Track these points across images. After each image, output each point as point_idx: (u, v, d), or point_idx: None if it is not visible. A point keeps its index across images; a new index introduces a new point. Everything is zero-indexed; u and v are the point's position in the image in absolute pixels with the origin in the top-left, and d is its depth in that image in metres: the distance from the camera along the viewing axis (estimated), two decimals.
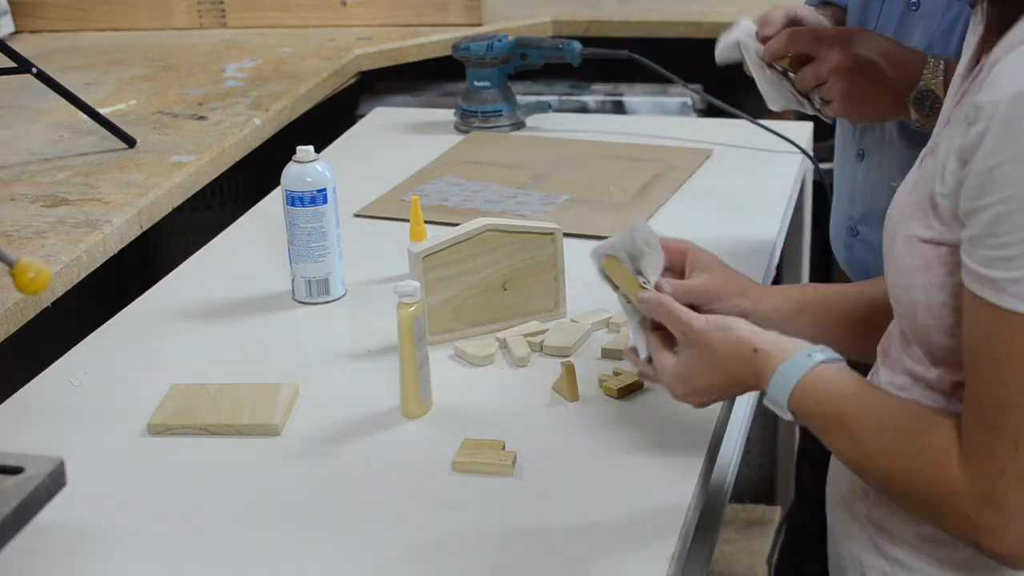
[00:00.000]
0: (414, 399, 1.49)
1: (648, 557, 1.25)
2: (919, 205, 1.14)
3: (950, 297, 1.12)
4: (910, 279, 1.15)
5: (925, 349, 1.17)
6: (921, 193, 1.15)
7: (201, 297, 1.81)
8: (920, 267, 1.13)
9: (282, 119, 2.46)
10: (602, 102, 2.76)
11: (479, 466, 1.37)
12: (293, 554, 1.28)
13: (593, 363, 1.58)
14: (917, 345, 1.18)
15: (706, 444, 1.43)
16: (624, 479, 1.38)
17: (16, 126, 2.37)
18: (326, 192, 1.74)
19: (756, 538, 2.59)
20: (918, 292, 1.14)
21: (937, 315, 1.14)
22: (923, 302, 1.14)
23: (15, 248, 1.81)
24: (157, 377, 1.58)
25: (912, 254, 1.14)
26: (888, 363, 1.24)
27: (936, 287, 1.13)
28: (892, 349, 1.24)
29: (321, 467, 1.42)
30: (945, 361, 1.16)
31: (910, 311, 1.16)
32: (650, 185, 2.13)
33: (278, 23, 3.01)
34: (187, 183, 2.14)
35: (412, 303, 1.46)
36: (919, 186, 1.16)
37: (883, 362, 1.26)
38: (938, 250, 1.12)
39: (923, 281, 1.13)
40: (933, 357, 1.17)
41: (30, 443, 1.45)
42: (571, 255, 1.72)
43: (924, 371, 1.18)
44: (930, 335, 1.15)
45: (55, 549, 1.29)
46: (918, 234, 1.13)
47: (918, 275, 1.14)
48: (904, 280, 1.16)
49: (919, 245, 1.13)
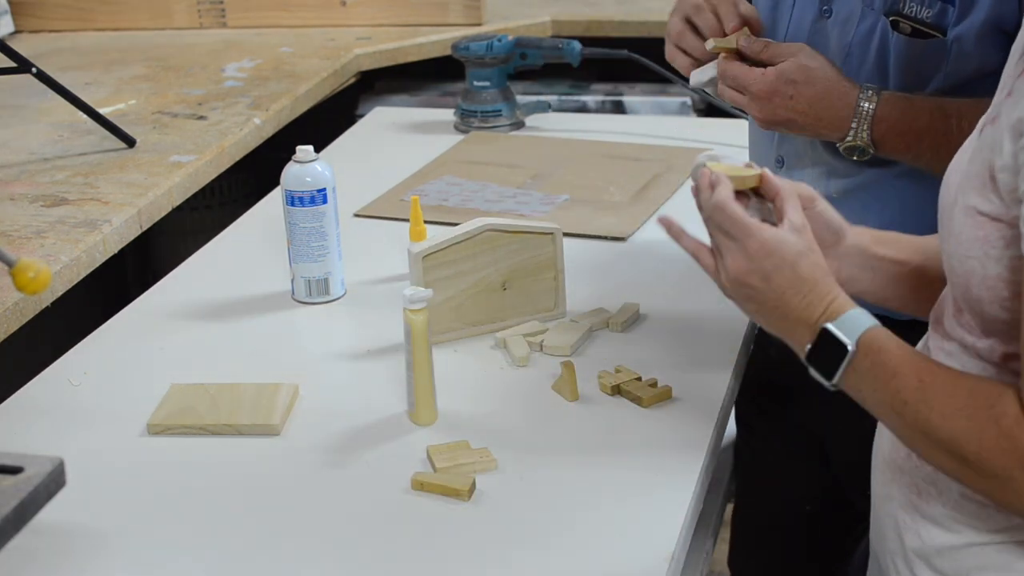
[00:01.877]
0: (429, 406, 1.48)
1: (648, 557, 1.25)
2: (979, 176, 1.14)
3: (1005, 271, 1.12)
4: (967, 250, 1.14)
5: (978, 319, 1.17)
6: (981, 164, 1.14)
7: (201, 297, 1.81)
8: (978, 239, 1.13)
9: (282, 119, 2.46)
10: (602, 102, 2.76)
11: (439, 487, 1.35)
12: (293, 554, 1.28)
13: (593, 363, 1.58)
14: (970, 314, 1.17)
15: (706, 444, 1.43)
16: (624, 479, 1.38)
17: (16, 126, 2.37)
18: (326, 192, 1.74)
19: None
20: (974, 263, 1.13)
21: (991, 287, 1.13)
22: (978, 273, 1.13)
23: (15, 248, 1.81)
24: (157, 377, 1.58)
25: (970, 225, 1.13)
26: (939, 331, 1.24)
27: (992, 260, 1.12)
28: (944, 316, 1.23)
29: (320, 467, 1.42)
30: (996, 332, 1.15)
31: (964, 280, 1.15)
32: (650, 185, 2.13)
33: (278, 23, 3.01)
34: (187, 183, 2.14)
35: (421, 308, 1.46)
36: (978, 156, 1.15)
37: (934, 329, 1.25)
38: (996, 224, 1.11)
39: (979, 252, 1.13)
40: (985, 327, 1.16)
41: (30, 443, 1.45)
42: (571, 255, 1.72)
43: (975, 340, 1.18)
44: (983, 305, 1.15)
45: (55, 549, 1.29)
46: (977, 206, 1.13)
47: (975, 246, 1.13)
48: (961, 250, 1.15)
49: (977, 217, 1.13)
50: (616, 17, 2.98)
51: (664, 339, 1.64)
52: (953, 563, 1.21)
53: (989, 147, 1.13)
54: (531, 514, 1.32)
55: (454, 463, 1.38)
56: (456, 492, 1.34)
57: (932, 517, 1.22)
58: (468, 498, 1.34)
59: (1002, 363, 1.16)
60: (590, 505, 1.33)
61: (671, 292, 1.76)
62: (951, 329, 1.21)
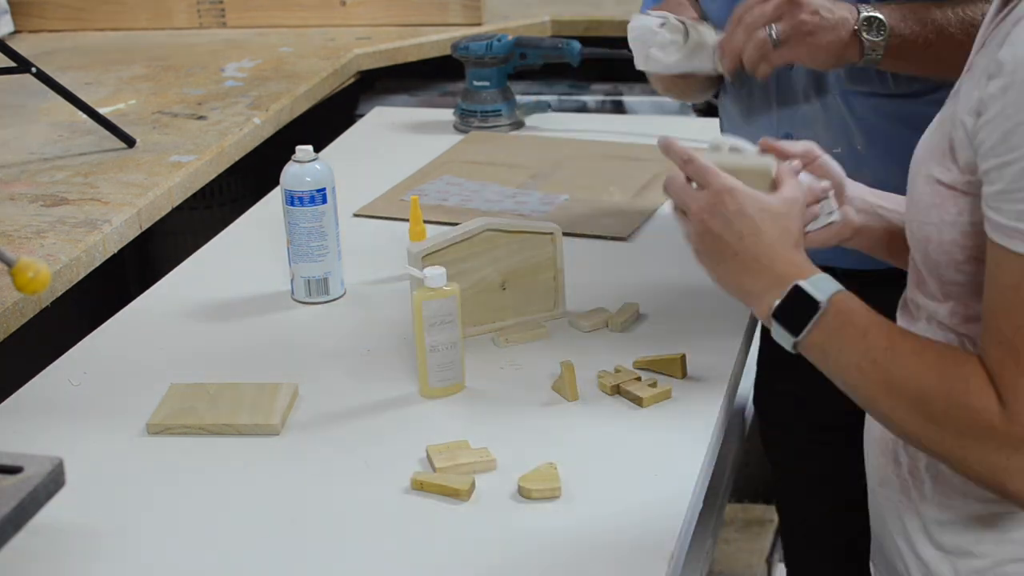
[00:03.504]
0: (423, 380, 1.53)
1: (648, 557, 1.25)
2: (939, 147, 1.18)
3: (959, 235, 1.16)
4: (925, 215, 1.19)
5: (936, 282, 1.21)
6: (942, 135, 1.18)
7: (201, 297, 1.81)
8: (934, 205, 1.17)
9: (281, 119, 2.46)
10: (602, 102, 2.76)
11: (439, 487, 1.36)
12: (292, 554, 1.28)
13: (593, 363, 1.58)
14: (929, 278, 1.21)
15: (706, 444, 1.43)
16: (623, 478, 1.38)
17: (16, 126, 2.37)
18: (325, 192, 1.74)
19: (755, 538, 2.60)
20: (930, 228, 1.18)
21: (947, 251, 1.17)
22: (934, 238, 1.18)
23: (14, 248, 1.81)
24: (156, 377, 1.58)
25: (928, 192, 1.18)
26: (906, 313, 1.28)
27: (947, 224, 1.16)
28: (908, 291, 1.28)
29: (320, 467, 1.42)
30: (954, 295, 1.19)
31: (922, 245, 1.20)
32: (650, 185, 2.13)
33: (278, 23, 3.01)
34: (186, 183, 2.14)
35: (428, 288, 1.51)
36: (940, 128, 1.20)
37: (902, 315, 1.29)
38: (951, 192, 1.16)
39: (936, 219, 1.17)
40: (944, 291, 1.20)
41: (29, 443, 1.44)
42: (571, 255, 1.72)
43: (937, 306, 1.21)
44: (940, 269, 1.19)
45: (54, 549, 1.29)
46: (936, 175, 1.17)
47: (932, 212, 1.18)
48: (919, 216, 1.19)
49: (936, 186, 1.17)
50: (616, 17, 2.98)
51: (664, 339, 1.64)
52: (953, 537, 1.23)
53: (949, 120, 1.17)
54: (531, 514, 1.32)
55: (453, 463, 1.38)
56: (456, 492, 1.34)
57: (926, 494, 1.24)
58: (468, 498, 1.34)
59: (963, 328, 1.19)
60: (589, 505, 1.33)
61: (671, 292, 1.76)
62: (915, 299, 1.25)
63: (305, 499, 1.36)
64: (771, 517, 2.63)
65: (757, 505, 2.68)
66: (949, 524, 1.23)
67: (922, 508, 1.25)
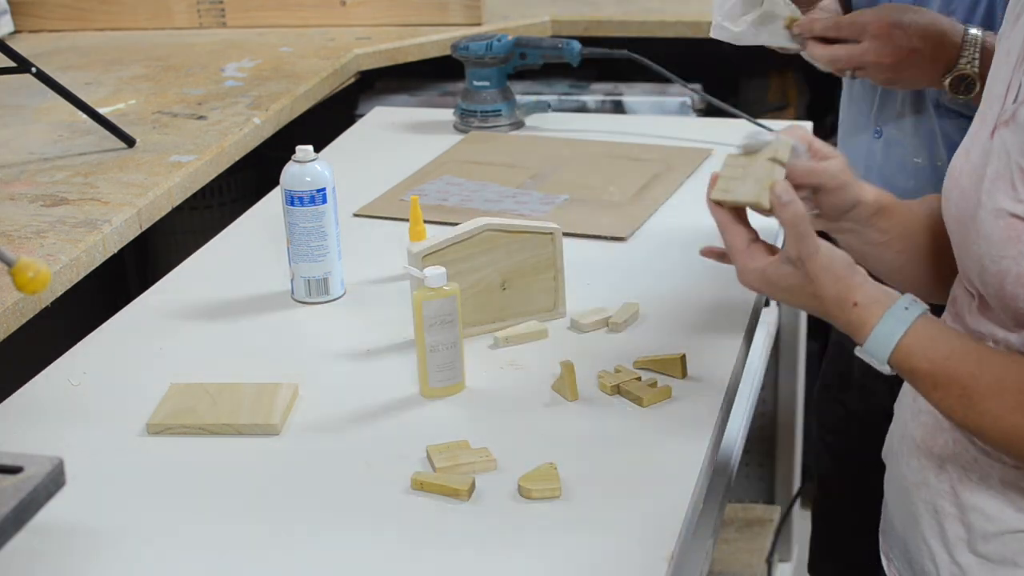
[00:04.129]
0: (424, 380, 1.53)
1: (647, 557, 1.25)
2: (1002, 178, 1.16)
3: None
4: (1000, 250, 1.16)
5: (1010, 314, 1.19)
6: (1004, 165, 1.16)
7: (200, 297, 1.81)
8: (1011, 239, 1.15)
9: (281, 119, 2.46)
10: (601, 102, 2.76)
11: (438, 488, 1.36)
12: (292, 554, 1.28)
13: (593, 363, 1.58)
14: (1001, 311, 1.20)
15: (706, 443, 1.43)
16: (624, 479, 1.38)
17: (15, 126, 2.37)
18: (325, 192, 1.74)
19: (755, 538, 2.59)
20: (1009, 263, 1.16)
21: None
22: (1013, 271, 1.16)
23: (14, 248, 1.81)
24: (156, 377, 1.58)
25: (1001, 227, 1.16)
26: (961, 329, 1.27)
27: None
28: (966, 316, 1.26)
29: (320, 467, 1.42)
30: None
31: (997, 280, 1.18)
32: (649, 185, 2.13)
33: (277, 23, 3.01)
34: (186, 183, 2.14)
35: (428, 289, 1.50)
36: (997, 158, 1.17)
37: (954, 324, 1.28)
38: None
39: (1013, 252, 1.15)
40: (1018, 321, 1.19)
41: (29, 443, 1.45)
42: (571, 255, 1.72)
43: (1007, 334, 1.20)
44: (1018, 302, 1.17)
45: (54, 549, 1.29)
46: (1007, 208, 1.15)
47: (1009, 246, 1.16)
48: (993, 251, 1.17)
49: (1009, 219, 1.15)
50: (616, 17, 2.98)
51: (664, 339, 1.64)
52: (999, 547, 1.23)
53: (1018, 150, 1.15)
54: (530, 514, 1.32)
55: (454, 463, 1.38)
56: (456, 492, 1.34)
57: (975, 504, 1.24)
58: (468, 498, 1.34)
59: None
60: (590, 505, 1.33)
61: (671, 292, 1.76)
62: (976, 325, 1.24)
63: (305, 499, 1.36)
64: (771, 517, 2.62)
65: (757, 505, 2.68)
66: (995, 535, 1.23)
67: (967, 517, 1.24)
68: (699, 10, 2.96)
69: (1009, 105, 1.18)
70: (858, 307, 1.23)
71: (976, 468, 1.23)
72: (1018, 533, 1.21)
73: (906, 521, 1.32)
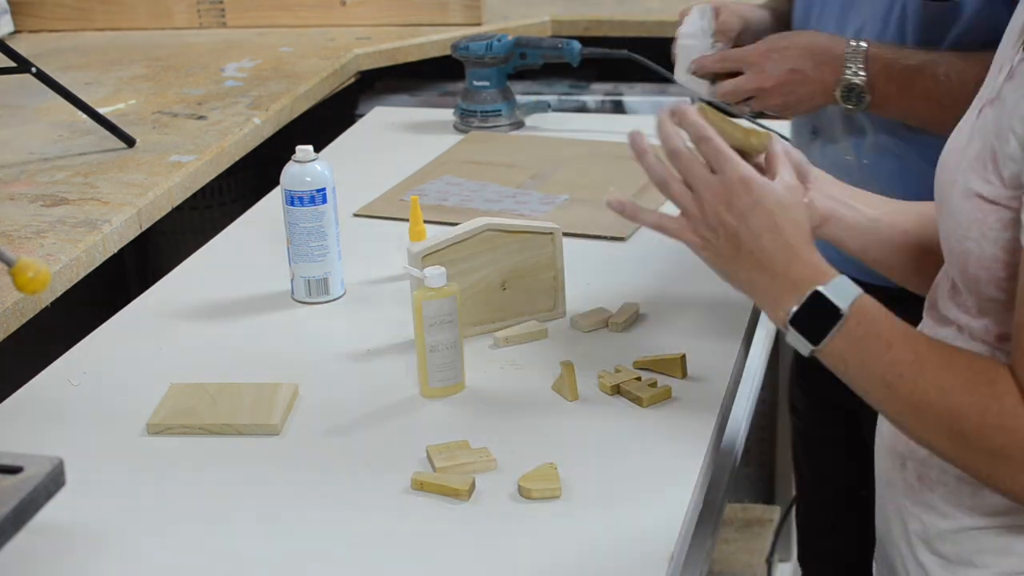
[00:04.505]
0: (424, 380, 1.53)
1: (647, 557, 1.25)
2: (978, 158, 1.13)
3: (1001, 252, 1.11)
4: (965, 230, 1.14)
5: (974, 298, 1.17)
6: (981, 146, 1.14)
7: (200, 297, 1.81)
8: (976, 220, 1.13)
9: (281, 119, 2.46)
10: (601, 102, 2.76)
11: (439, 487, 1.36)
12: (292, 553, 1.28)
13: (593, 363, 1.58)
14: (966, 293, 1.17)
15: (706, 444, 1.43)
16: (623, 478, 1.38)
17: (15, 126, 2.37)
18: (325, 192, 1.74)
19: (755, 538, 2.60)
20: (971, 244, 1.13)
21: (987, 267, 1.13)
22: (975, 253, 1.13)
23: (14, 248, 1.81)
24: (156, 377, 1.58)
25: (969, 207, 1.13)
26: (933, 315, 1.24)
27: (989, 241, 1.12)
28: (939, 300, 1.23)
29: (320, 467, 1.42)
30: (991, 311, 1.15)
31: (961, 260, 1.15)
32: (649, 185, 2.12)
33: (277, 23, 3.01)
34: (186, 183, 2.14)
35: (428, 289, 1.50)
36: (977, 138, 1.15)
37: (929, 315, 1.25)
38: (994, 207, 1.11)
39: (977, 234, 1.13)
40: (980, 307, 1.16)
41: (29, 443, 1.44)
42: (571, 255, 1.72)
43: (970, 320, 1.18)
44: (980, 285, 1.14)
45: (54, 549, 1.29)
46: (976, 189, 1.13)
47: (973, 227, 1.13)
48: (959, 231, 1.15)
49: (976, 200, 1.13)
50: (616, 17, 2.98)
51: (664, 339, 1.64)
52: (954, 547, 1.21)
53: (993, 132, 1.12)
54: (530, 514, 1.32)
55: (454, 463, 1.38)
56: (456, 492, 1.34)
57: (931, 502, 1.22)
58: (468, 498, 1.34)
59: (996, 344, 1.16)
60: (589, 505, 1.33)
61: (671, 292, 1.76)
62: (946, 310, 1.21)
63: (305, 499, 1.36)
64: (771, 517, 2.63)
65: (757, 505, 2.69)
66: (951, 534, 1.21)
67: (926, 516, 1.23)
68: None
69: (997, 84, 1.17)
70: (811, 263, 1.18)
71: (933, 464, 1.20)
72: (971, 531, 1.19)
73: (881, 524, 1.32)
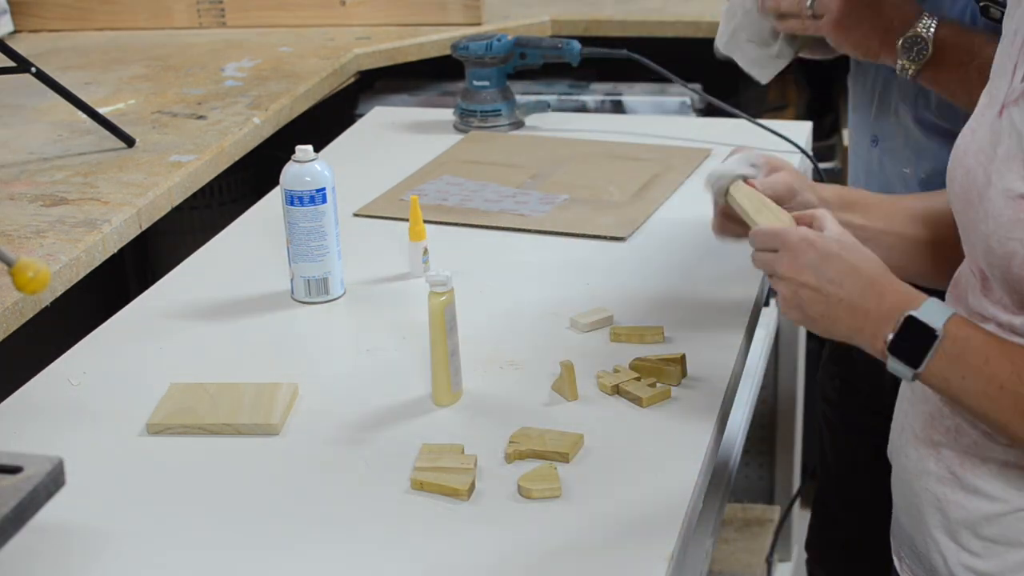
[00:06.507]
0: (444, 388, 1.51)
1: (647, 557, 1.25)
2: (1014, 158, 1.15)
3: None
4: (1008, 231, 1.15)
5: (1014, 296, 1.18)
6: (1016, 145, 1.15)
7: (200, 297, 1.81)
8: (1020, 221, 1.14)
9: (281, 118, 2.46)
10: (601, 102, 2.76)
11: (436, 486, 1.36)
12: (291, 554, 1.28)
13: (593, 363, 1.58)
14: (1005, 292, 1.19)
15: (706, 444, 1.43)
16: (623, 478, 1.38)
17: (15, 125, 2.37)
18: (325, 191, 1.74)
19: (755, 538, 2.60)
20: (1016, 244, 1.15)
21: None
22: (1020, 253, 1.15)
23: (14, 247, 1.81)
24: (156, 377, 1.58)
25: (1010, 207, 1.15)
26: (962, 310, 1.25)
27: None
28: (968, 296, 1.25)
29: (320, 467, 1.42)
30: None
31: (1004, 261, 1.17)
32: (649, 185, 2.13)
33: (277, 23, 3.01)
34: (186, 182, 2.14)
35: (443, 292, 1.48)
36: (1007, 138, 1.17)
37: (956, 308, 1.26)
38: None
39: (1021, 234, 1.14)
40: (1020, 303, 1.18)
41: (29, 442, 1.45)
42: (571, 255, 1.72)
43: (1008, 317, 1.20)
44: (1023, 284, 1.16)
45: (54, 548, 1.29)
46: (1016, 188, 1.14)
47: (1017, 228, 1.15)
48: (1001, 232, 1.16)
49: (1018, 200, 1.14)
50: (616, 17, 2.98)
51: (664, 339, 1.64)
52: (1002, 529, 1.23)
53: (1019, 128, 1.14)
54: (530, 514, 1.32)
55: (432, 465, 1.37)
56: (456, 492, 1.34)
57: (976, 487, 1.24)
58: (468, 498, 1.34)
59: None
60: (589, 505, 1.33)
61: (671, 292, 1.76)
62: (979, 306, 1.23)
63: (305, 499, 1.36)
64: (771, 517, 2.63)
65: (757, 505, 2.68)
66: (997, 516, 1.23)
67: (969, 502, 1.25)
68: (699, 10, 2.96)
69: (1017, 84, 1.18)
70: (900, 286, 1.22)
71: (975, 451, 1.23)
72: (1021, 512, 1.22)
73: (912, 516, 1.32)
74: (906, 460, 1.32)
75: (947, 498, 1.26)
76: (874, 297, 1.21)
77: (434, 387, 1.51)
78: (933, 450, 1.27)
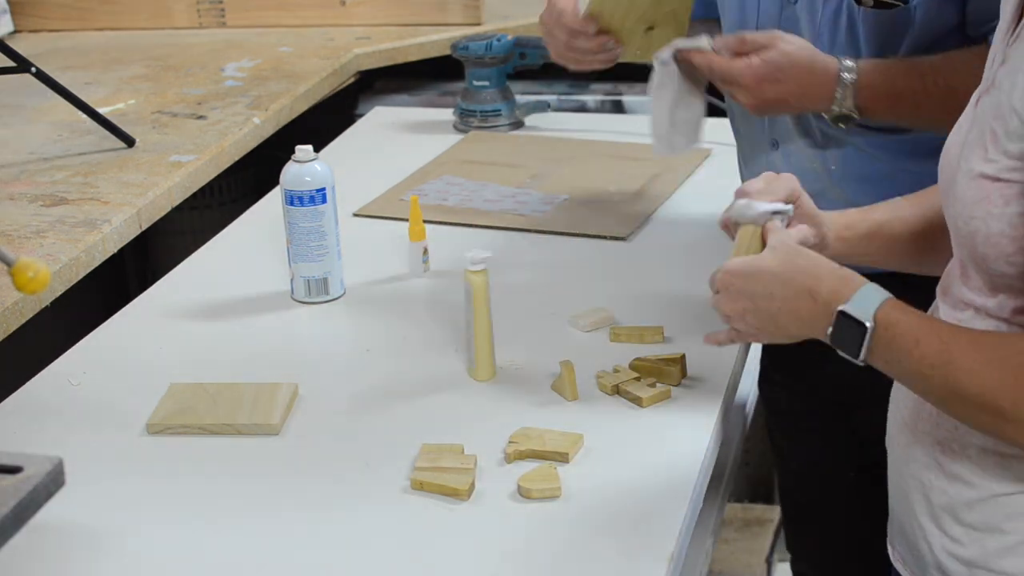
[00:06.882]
0: (487, 363, 1.55)
1: (647, 557, 1.25)
2: (978, 142, 1.19)
3: (1007, 227, 1.17)
4: (970, 211, 1.19)
5: (985, 277, 1.21)
6: (980, 131, 1.19)
7: (200, 297, 1.81)
8: (979, 199, 1.18)
9: (281, 118, 2.46)
10: (601, 102, 2.76)
11: (436, 486, 1.36)
12: (292, 553, 1.28)
13: (593, 363, 1.58)
14: (976, 273, 1.22)
15: (706, 444, 1.43)
16: (623, 478, 1.38)
17: (15, 125, 2.37)
18: (325, 191, 1.74)
19: (755, 538, 2.60)
20: (978, 223, 1.19)
21: (995, 244, 1.18)
22: (982, 232, 1.18)
23: (14, 247, 1.81)
24: (156, 377, 1.58)
25: (972, 188, 1.19)
26: (948, 300, 1.29)
27: (994, 217, 1.17)
28: (952, 285, 1.28)
29: (320, 467, 1.42)
30: (1003, 287, 1.20)
31: (969, 241, 1.20)
32: (649, 185, 2.13)
33: (277, 23, 3.01)
34: (186, 182, 2.14)
35: (481, 270, 1.52)
36: (976, 124, 1.21)
37: (943, 300, 1.30)
38: (996, 184, 1.17)
39: (982, 212, 1.18)
40: (992, 284, 1.21)
41: (29, 442, 1.45)
42: (571, 255, 1.73)
43: (984, 300, 1.22)
44: (989, 263, 1.20)
45: (54, 548, 1.29)
46: (978, 169, 1.18)
47: (977, 207, 1.18)
48: (965, 212, 1.20)
49: (980, 180, 1.18)
50: None
51: (664, 339, 1.64)
52: (982, 515, 1.24)
53: (991, 115, 1.18)
54: (530, 514, 1.32)
55: (432, 465, 1.37)
56: (455, 492, 1.34)
57: (956, 473, 1.25)
58: (468, 498, 1.34)
59: (1012, 318, 1.21)
60: (590, 505, 1.33)
61: (671, 292, 1.76)
62: (960, 294, 1.26)
63: (305, 499, 1.36)
64: (771, 517, 2.63)
65: (757, 505, 2.68)
66: (978, 502, 1.24)
67: (951, 487, 1.26)
68: None
69: (991, 74, 1.22)
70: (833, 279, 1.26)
71: (955, 436, 1.25)
72: (999, 497, 1.23)
73: (901, 504, 1.34)
74: (897, 447, 1.34)
75: (931, 484, 1.28)
76: (807, 297, 1.26)
77: (477, 363, 1.55)
78: (917, 436, 1.29)
